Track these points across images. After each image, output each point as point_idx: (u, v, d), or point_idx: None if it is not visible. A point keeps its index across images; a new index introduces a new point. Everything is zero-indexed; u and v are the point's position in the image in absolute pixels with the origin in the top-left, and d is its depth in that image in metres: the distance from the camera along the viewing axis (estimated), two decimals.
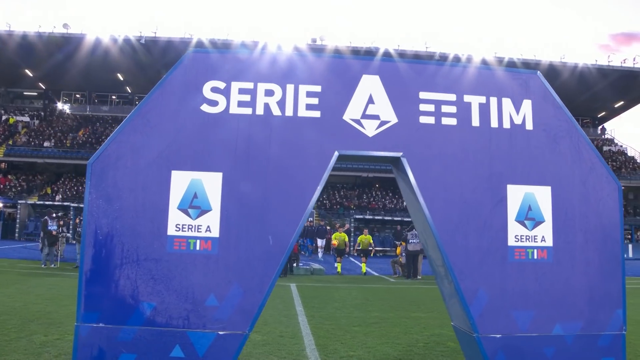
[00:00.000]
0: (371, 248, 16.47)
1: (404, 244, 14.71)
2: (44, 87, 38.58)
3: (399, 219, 25.20)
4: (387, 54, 30.98)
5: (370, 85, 2.84)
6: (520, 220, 2.85)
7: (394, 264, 15.67)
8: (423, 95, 2.87)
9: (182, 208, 2.63)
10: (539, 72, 3.06)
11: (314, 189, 2.69)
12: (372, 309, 9.62)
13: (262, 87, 2.76)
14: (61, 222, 14.61)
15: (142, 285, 2.57)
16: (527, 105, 2.95)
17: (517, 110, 2.94)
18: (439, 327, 7.66)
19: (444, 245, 2.74)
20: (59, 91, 39.07)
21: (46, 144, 33.39)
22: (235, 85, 2.75)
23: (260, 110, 2.74)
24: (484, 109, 2.91)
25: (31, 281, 11.85)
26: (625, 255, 3.31)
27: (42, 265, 14.53)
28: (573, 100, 37.31)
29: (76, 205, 24.27)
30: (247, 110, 2.73)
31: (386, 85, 2.85)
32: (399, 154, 2.80)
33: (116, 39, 30.06)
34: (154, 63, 32.34)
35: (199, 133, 2.69)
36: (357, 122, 2.80)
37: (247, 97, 2.75)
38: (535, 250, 2.83)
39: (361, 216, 26.76)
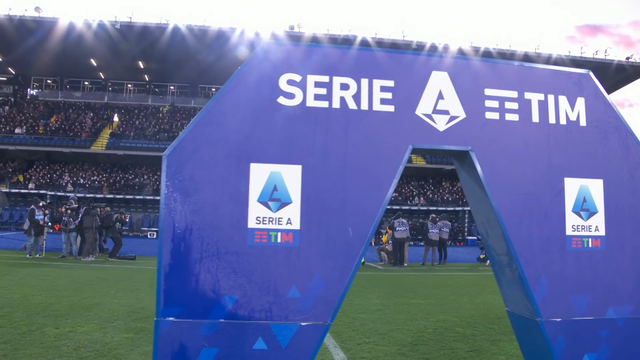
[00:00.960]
0: None
1: (390, 231, 14.87)
2: (13, 72, 36.80)
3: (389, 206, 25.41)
4: (364, 42, 30.98)
5: (439, 81, 2.83)
6: (576, 211, 2.93)
7: (379, 252, 15.84)
8: (488, 92, 2.89)
9: (262, 201, 2.57)
10: (590, 71, 3.13)
11: (390, 182, 2.68)
12: (370, 296, 9.73)
13: (337, 80, 2.72)
14: (46, 212, 14.09)
15: (223, 279, 2.49)
16: (580, 102, 3.03)
17: (572, 107, 3.01)
18: (441, 313, 7.85)
19: (510, 235, 2.79)
20: (29, 77, 37.37)
21: (17, 130, 31.99)
22: (311, 79, 2.69)
23: (336, 104, 2.70)
24: (543, 106, 2.97)
25: (21, 272, 11.40)
26: None
27: (27, 255, 13.98)
28: None
29: (53, 193, 23.48)
30: (324, 104, 2.69)
31: (454, 81, 2.85)
32: (468, 148, 2.82)
33: (90, 24, 28.93)
34: (130, 49, 31.37)
35: (277, 126, 2.63)
36: (429, 116, 2.80)
37: (323, 91, 2.70)
38: (589, 239, 2.93)
39: None
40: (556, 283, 2.83)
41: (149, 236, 25.59)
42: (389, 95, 2.76)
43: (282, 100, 2.66)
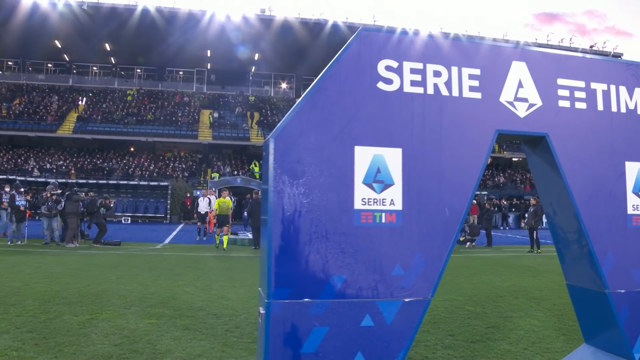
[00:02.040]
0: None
1: None
2: None
3: None
4: (335, 27, 30.87)
5: (519, 71, 2.94)
6: (636, 192, 3.14)
7: None
8: (560, 81, 3.03)
9: (367, 182, 2.60)
10: None
11: (480, 164, 2.78)
12: None
13: (430, 67, 2.76)
14: (28, 197, 13.46)
15: (332, 259, 2.52)
16: (638, 92, 3.22)
17: (630, 96, 3.20)
18: (445, 293, 8.13)
19: (581, 213, 2.97)
20: None
21: None
22: (407, 65, 2.73)
23: (430, 90, 2.75)
24: (606, 95, 3.14)
25: (9, 259, 10.92)
26: None
27: (9, 243, 13.36)
28: None
29: (23, 178, 22.35)
30: (419, 90, 2.73)
31: (531, 71, 2.96)
32: (545, 133, 2.96)
33: (55, 4, 27.46)
34: (97, 30, 30.01)
35: (378, 110, 2.66)
36: (511, 104, 2.91)
37: (418, 77, 2.74)
38: None
39: None
40: (620, 258, 3.03)
41: (123, 221, 24.87)
42: (476, 83, 2.85)
43: (381, 85, 2.69)
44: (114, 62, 38.03)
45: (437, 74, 2.79)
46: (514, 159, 37.88)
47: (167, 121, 34.62)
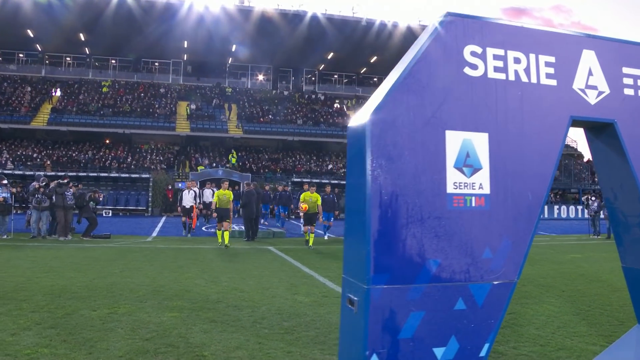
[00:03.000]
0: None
1: None
2: None
3: (336, 181, 25.64)
4: (315, 19, 30.68)
5: (589, 59, 2.96)
6: None
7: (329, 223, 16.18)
8: (625, 70, 3.08)
9: (458, 167, 2.58)
10: None
11: (557, 149, 2.80)
12: None
13: (511, 54, 2.75)
14: (13, 190, 12.86)
15: (427, 244, 2.49)
16: None
17: None
18: None
19: None
20: None
21: None
22: (490, 51, 2.71)
23: (512, 77, 2.74)
24: None
25: (2, 254, 10.46)
26: None
27: None
28: None
29: (10, 172, 21.36)
30: (502, 76, 2.72)
31: (599, 59, 2.99)
32: (613, 120, 3.01)
33: None
34: (71, 20, 28.90)
35: (465, 95, 2.63)
36: (583, 91, 2.93)
37: (500, 63, 2.73)
38: None
39: (299, 179, 26.73)
40: None
41: (104, 214, 24.13)
42: (551, 70, 2.86)
43: (467, 70, 2.67)
44: (88, 52, 36.73)
45: (517, 60, 2.78)
46: None
47: (144, 113, 33.75)
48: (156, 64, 39.57)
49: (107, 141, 33.63)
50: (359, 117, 2.60)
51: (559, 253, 12.57)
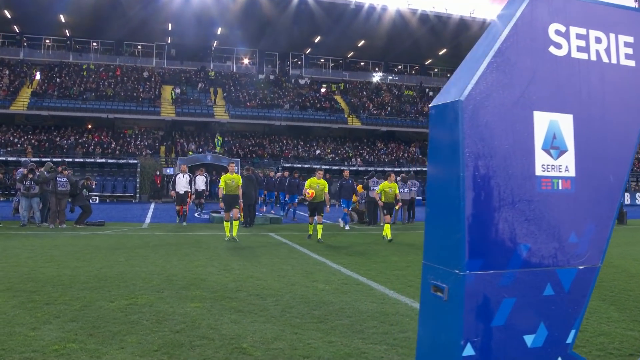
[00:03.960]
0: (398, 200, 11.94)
1: (361, 190, 15.05)
2: None
3: (327, 167, 25.50)
4: (302, 2, 30.13)
5: None
6: None
7: (349, 212, 15.98)
8: None
9: (545, 148, 2.49)
10: None
11: (636, 132, 2.74)
12: (386, 253, 9.90)
13: (592, 33, 2.65)
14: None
15: (518, 228, 2.40)
16: None
17: None
18: None
19: None
20: None
21: None
22: (573, 30, 2.61)
23: (593, 57, 2.65)
24: None
25: None
26: None
27: None
28: None
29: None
30: (584, 56, 2.63)
31: None
32: None
33: None
34: (51, 1, 27.83)
35: (551, 75, 2.54)
36: None
37: (582, 43, 2.63)
38: None
39: (289, 165, 26.52)
40: None
41: (91, 201, 23.53)
42: (630, 51, 2.78)
43: (552, 50, 2.57)
44: (68, 34, 35.50)
45: (598, 40, 2.70)
46: None
47: (128, 97, 32.92)
48: (139, 47, 38.54)
49: (90, 126, 32.76)
50: (446, 96, 2.49)
51: None
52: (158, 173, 25.60)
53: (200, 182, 16.26)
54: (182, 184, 14.10)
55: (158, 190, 25.30)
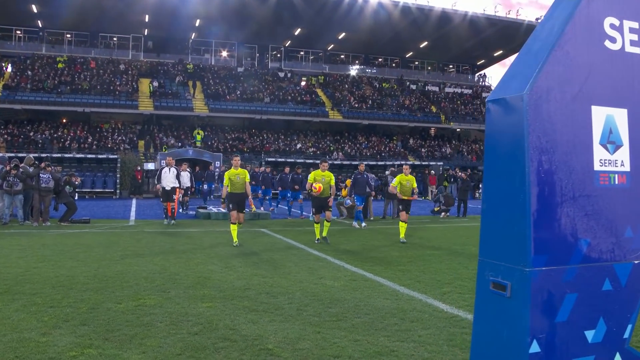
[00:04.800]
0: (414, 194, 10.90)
1: (349, 184, 15.00)
2: None
3: (310, 161, 25.36)
4: None
5: None
6: None
7: (339, 206, 15.97)
8: None
9: (602, 143, 2.48)
10: None
11: None
12: (385, 249, 9.90)
13: None
14: None
15: (579, 223, 2.38)
16: None
17: None
18: (454, 257, 8.31)
19: None
20: None
21: None
22: (627, 24, 2.59)
23: None
24: None
25: None
26: None
27: None
28: (462, 45, 39.78)
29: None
30: (637, 50, 2.62)
31: None
32: None
33: None
34: None
35: (606, 69, 2.52)
36: None
37: (635, 37, 2.61)
38: None
39: (273, 159, 26.27)
40: None
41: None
42: None
43: (607, 44, 2.55)
44: (40, 25, 34.28)
45: None
46: (457, 130, 39.36)
47: (104, 90, 32.05)
48: (115, 39, 37.53)
49: (64, 120, 31.79)
50: (506, 91, 2.44)
51: None
52: (139, 168, 25.03)
53: (186, 178, 15.56)
54: (168, 178, 13.11)
55: (139, 186, 24.74)
